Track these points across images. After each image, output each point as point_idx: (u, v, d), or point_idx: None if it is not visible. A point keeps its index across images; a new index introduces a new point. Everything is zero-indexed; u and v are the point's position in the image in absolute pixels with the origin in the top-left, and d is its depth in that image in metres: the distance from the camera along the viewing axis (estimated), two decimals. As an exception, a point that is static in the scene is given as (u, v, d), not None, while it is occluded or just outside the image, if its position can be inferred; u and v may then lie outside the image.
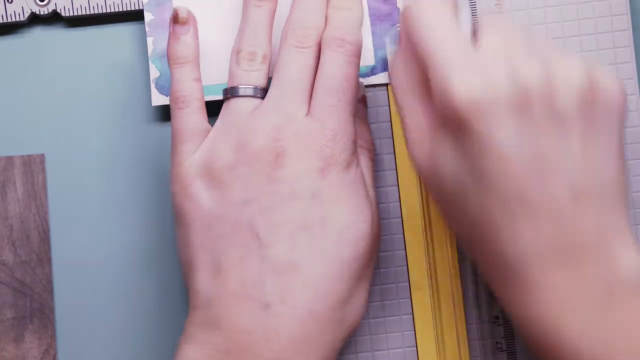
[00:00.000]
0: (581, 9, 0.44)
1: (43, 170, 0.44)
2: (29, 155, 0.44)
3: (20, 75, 0.45)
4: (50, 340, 0.43)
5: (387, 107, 0.43)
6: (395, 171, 0.43)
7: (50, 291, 0.43)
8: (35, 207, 0.43)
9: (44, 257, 0.43)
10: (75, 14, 0.43)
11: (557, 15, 0.44)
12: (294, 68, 0.38)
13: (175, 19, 0.40)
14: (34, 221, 0.43)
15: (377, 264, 0.42)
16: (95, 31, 0.45)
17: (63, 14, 0.44)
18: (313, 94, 0.38)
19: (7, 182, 0.43)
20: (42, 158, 0.44)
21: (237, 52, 0.39)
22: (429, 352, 0.42)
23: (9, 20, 0.43)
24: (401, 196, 0.43)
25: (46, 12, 0.44)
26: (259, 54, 0.39)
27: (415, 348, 0.42)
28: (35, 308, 0.43)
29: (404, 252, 0.43)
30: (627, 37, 0.44)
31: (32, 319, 0.43)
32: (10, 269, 0.43)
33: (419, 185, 0.43)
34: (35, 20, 0.45)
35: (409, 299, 0.43)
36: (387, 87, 0.43)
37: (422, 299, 0.42)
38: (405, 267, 0.43)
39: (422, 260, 0.43)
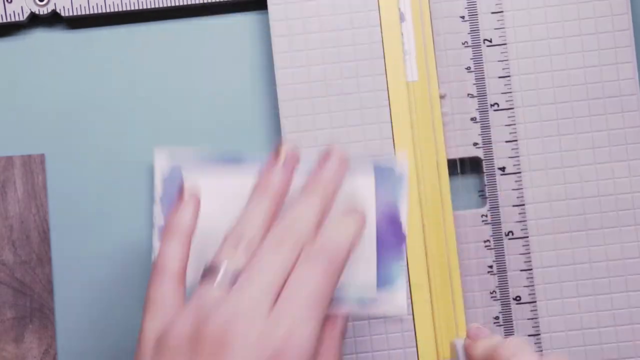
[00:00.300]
0: (582, 8, 0.44)
1: (43, 170, 0.44)
2: (29, 155, 0.44)
3: (20, 75, 0.45)
4: (50, 340, 0.43)
5: (388, 108, 0.43)
6: (395, 171, 0.43)
7: (50, 291, 0.43)
8: (35, 207, 0.43)
9: (44, 257, 0.43)
10: (75, 14, 0.43)
11: (557, 15, 0.44)
12: (270, 268, 0.37)
13: (181, 195, 0.40)
14: (34, 221, 0.43)
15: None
16: (95, 31, 0.45)
17: (63, 14, 0.44)
18: (281, 297, 0.37)
19: (7, 182, 0.43)
20: (42, 158, 0.44)
21: (226, 235, 0.39)
22: (429, 352, 0.42)
23: (9, 20, 0.43)
24: (401, 196, 0.43)
25: (46, 12, 0.44)
26: (245, 241, 0.38)
27: (415, 348, 0.42)
28: (35, 308, 0.43)
29: (404, 252, 0.43)
30: (628, 36, 0.44)
31: (32, 319, 0.43)
32: (10, 269, 0.43)
33: (418, 186, 0.43)
34: (35, 20, 0.45)
35: (409, 299, 0.43)
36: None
37: (422, 299, 0.42)
38: (405, 267, 0.43)
39: (422, 260, 0.43)
